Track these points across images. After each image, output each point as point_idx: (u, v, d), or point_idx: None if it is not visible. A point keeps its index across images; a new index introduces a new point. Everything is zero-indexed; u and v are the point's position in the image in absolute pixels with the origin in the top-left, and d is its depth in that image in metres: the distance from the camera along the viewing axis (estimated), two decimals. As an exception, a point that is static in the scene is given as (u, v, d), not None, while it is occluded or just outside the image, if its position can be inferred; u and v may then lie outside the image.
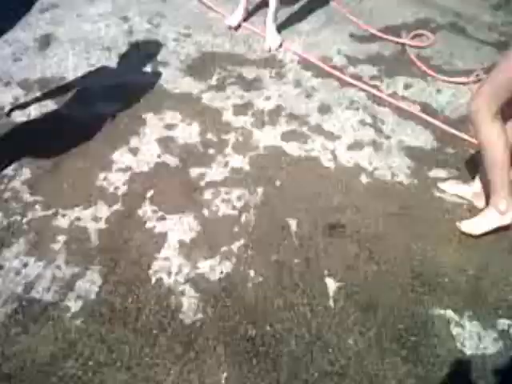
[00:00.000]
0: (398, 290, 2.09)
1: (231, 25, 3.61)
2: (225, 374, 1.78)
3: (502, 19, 3.95)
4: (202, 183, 2.46)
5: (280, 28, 3.60)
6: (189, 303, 1.97)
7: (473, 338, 1.95)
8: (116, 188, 2.40)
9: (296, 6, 3.89)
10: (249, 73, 3.25)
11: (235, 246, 2.19)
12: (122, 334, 1.85)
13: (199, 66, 3.28)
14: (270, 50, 3.42)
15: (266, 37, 3.47)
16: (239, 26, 3.65)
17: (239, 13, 3.63)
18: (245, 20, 3.70)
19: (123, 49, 3.38)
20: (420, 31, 3.73)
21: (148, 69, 3.23)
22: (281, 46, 3.47)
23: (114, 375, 1.74)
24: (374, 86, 3.17)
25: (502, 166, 2.07)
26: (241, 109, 2.94)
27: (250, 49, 3.48)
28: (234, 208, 2.36)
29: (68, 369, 1.74)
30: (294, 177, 2.53)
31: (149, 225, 2.25)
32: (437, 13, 3.99)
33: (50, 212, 2.26)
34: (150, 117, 2.83)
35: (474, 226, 2.26)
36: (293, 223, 2.31)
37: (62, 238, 2.15)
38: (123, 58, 3.30)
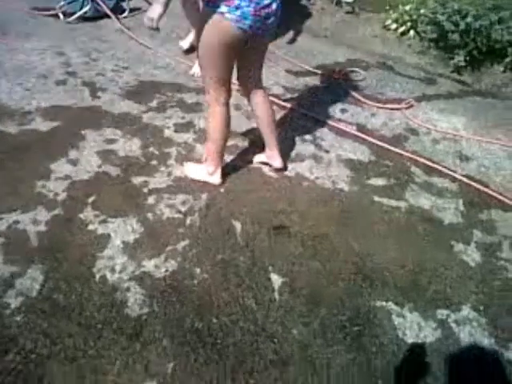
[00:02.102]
0: (340, 284, 2.26)
1: (184, 47, 3.98)
2: (171, 364, 1.84)
3: (426, 61, 4.51)
4: (145, 190, 2.60)
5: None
6: (134, 298, 2.05)
7: (413, 328, 2.12)
8: (55, 194, 2.48)
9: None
10: (189, 98, 3.49)
11: (180, 246, 2.31)
12: (65, 328, 1.89)
13: (138, 92, 3.48)
14: (193, 75, 3.74)
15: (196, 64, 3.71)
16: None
17: (192, 36, 3.95)
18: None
19: (60, 77, 3.54)
20: (352, 68, 4.18)
21: (85, 94, 3.39)
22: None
23: (57, 367, 1.76)
24: (312, 111, 3.49)
25: (218, 139, 2.53)
26: (182, 127, 3.14)
27: (190, 79, 3.74)
28: (178, 212, 2.50)
29: (8, 362, 1.75)
30: (238, 184, 2.72)
31: (91, 227, 2.33)
32: (366, 55, 4.53)
33: (-16, 217, 2.30)
34: (89, 132, 2.96)
35: (192, 170, 2.72)
36: (237, 225, 2.47)
37: (-1, 240, 2.20)
38: (60, 84, 3.46)
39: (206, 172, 2.66)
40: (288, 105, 3.50)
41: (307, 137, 3.22)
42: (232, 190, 2.67)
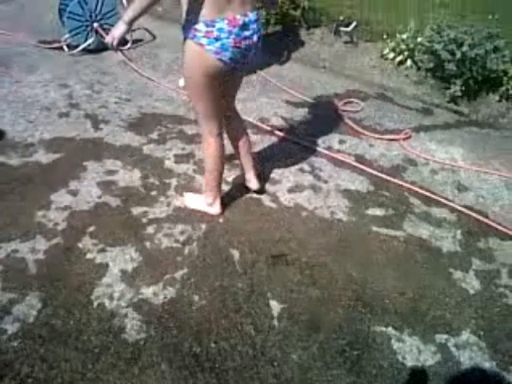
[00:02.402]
0: (339, 310, 2.30)
1: (180, 85, 4.11)
2: (170, 388, 1.87)
3: (423, 91, 4.62)
4: (145, 220, 2.66)
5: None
6: (132, 324, 2.09)
7: (413, 352, 2.16)
8: (55, 224, 2.55)
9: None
10: (190, 129, 3.60)
11: (178, 274, 2.36)
12: (62, 353, 1.93)
13: (140, 124, 3.59)
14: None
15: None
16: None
17: None
18: None
19: (63, 109, 3.66)
20: (350, 99, 4.30)
21: (88, 125, 3.50)
22: None
23: (54, 391, 1.80)
24: (311, 141, 3.59)
25: (214, 171, 2.59)
26: (182, 158, 3.24)
27: (189, 111, 3.86)
28: (176, 241, 2.55)
29: (3, 387, 1.79)
30: (237, 214, 2.79)
31: (89, 256, 2.39)
32: (365, 86, 4.65)
33: (-16, 245, 2.36)
34: (90, 164, 3.06)
35: (191, 201, 2.79)
36: (236, 254, 2.52)
37: (-3, 268, 2.25)
38: (63, 116, 3.58)
39: (205, 202, 2.73)
40: (287, 135, 3.60)
41: (306, 167, 3.30)
42: (230, 220, 2.73)
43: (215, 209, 2.72)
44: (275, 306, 2.27)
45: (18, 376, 1.83)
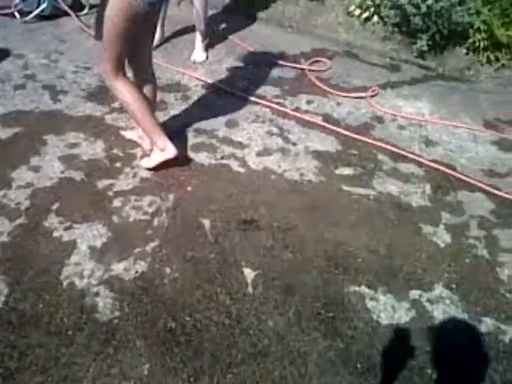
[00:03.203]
0: (313, 273, 2.30)
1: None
2: (147, 365, 1.86)
3: (390, 47, 4.56)
4: (110, 193, 2.59)
5: (183, 60, 3.97)
6: (104, 303, 2.05)
7: (387, 310, 2.18)
8: (18, 203, 2.46)
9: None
10: (152, 96, 3.47)
11: (149, 247, 2.32)
12: (34, 338, 1.88)
13: (101, 93, 3.45)
14: (194, 62, 3.97)
15: (194, 51, 4.02)
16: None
17: (155, 39, 3.95)
18: (160, 45, 4.12)
19: (18, 81, 3.49)
20: (317, 58, 4.21)
21: (46, 97, 3.35)
22: (204, 61, 4.01)
23: (28, 379, 1.76)
24: (278, 103, 3.52)
25: (142, 115, 2.53)
26: (146, 127, 3.12)
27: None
28: (145, 213, 2.50)
29: (-29, 380, 1.74)
30: (205, 182, 2.73)
31: (56, 234, 2.32)
32: (331, 44, 4.56)
33: None
34: (50, 138, 2.94)
35: (148, 161, 2.74)
36: (206, 223, 2.48)
37: (-43, 254, 2.17)
38: (18, 88, 3.41)
39: (158, 152, 2.67)
40: (253, 98, 3.52)
41: (274, 130, 3.25)
42: (199, 188, 2.68)
43: (170, 150, 2.65)
44: (249, 273, 2.25)
45: (-14, 367, 1.78)
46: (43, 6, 4.33)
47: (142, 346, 1.91)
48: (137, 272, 2.19)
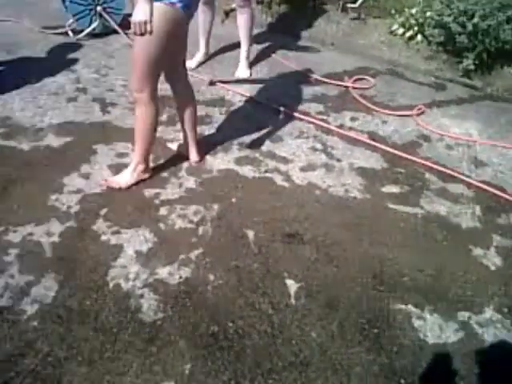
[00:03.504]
0: (358, 288, 2.28)
1: (190, 67, 4.05)
2: (188, 366, 1.88)
3: (435, 66, 4.55)
4: (157, 201, 2.65)
5: (226, 77, 4.06)
6: (148, 304, 2.09)
7: (434, 329, 2.14)
8: (68, 207, 2.55)
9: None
10: (199, 110, 3.55)
11: (193, 255, 2.36)
12: (81, 333, 1.94)
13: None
14: (237, 78, 4.03)
15: (238, 68, 4.12)
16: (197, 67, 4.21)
17: (199, 55, 4.21)
18: (205, 61, 4.27)
19: (71, 94, 3.65)
20: (361, 76, 4.24)
21: (96, 109, 3.49)
22: (248, 78, 4.09)
23: (74, 369, 1.81)
24: (322, 120, 3.55)
25: (150, 136, 2.62)
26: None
27: (198, 92, 3.81)
28: (190, 222, 2.54)
29: (26, 365, 1.80)
30: (249, 194, 2.77)
31: (104, 238, 2.39)
32: (374, 62, 4.58)
33: (-1, 229, 2.37)
34: (100, 147, 3.04)
35: (126, 179, 2.70)
36: (250, 233, 2.51)
37: (14, 251, 2.26)
38: (71, 100, 3.56)
39: (139, 171, 2.72)
40: (297, 114, 3.56)
41: (318, 146, 3.27)
42: (244, 200, 2.72)
43: (149, 172, 2.76)
44: (292, 285, 2.25)
45: (40, 354, 1.85)
46: (94, 25, 4.54)
47: (184, 347, 1.93)
48: (181, 277, 2.23)
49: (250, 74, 4.14)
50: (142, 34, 2.11)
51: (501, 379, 1.96)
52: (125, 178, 2.70)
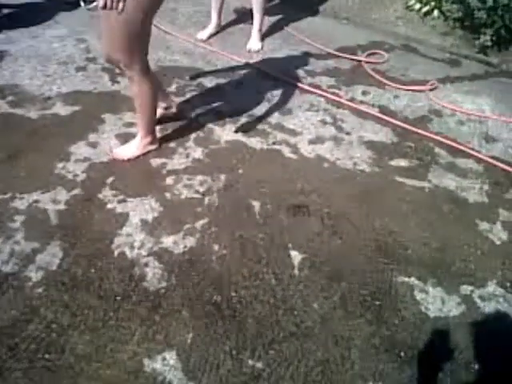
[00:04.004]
0: (361, 260, 2.29)
1: (202, 38, 4.09)
2: (191, 335, 1.90)
3: (451, 42, 4.46)
4: (164, 171, 2.66)
5: (237, 48, 4.01)
6: (153, 273, 2.11)
7: (436, 302, 2.14)
8: (75, 175, 2.57)
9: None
10: (209, 82, 3.55)
11: (199, 224, 2.37)
12: (85, 300, 1.97)
13: (158, 77, 3.53)
14: (249, 51, 4.01)
15: (250, 41, 4.06)
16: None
17: (211, 27, 4.16)
18: (217, 33, 4.22)
19: (80, 64, 3.63)
20: (374, 50, 4.17)
21: (105, 79, 3.48)
22: (260, 50, 4.04)
23: (78, 336, 1.85)
24: (333, 93, 3.51)
25: (153, 107, 2.60)
26: (201, 110, 3.20)
27: (208, 63, 3.80)
28: (196, 192, 2.55)
29: (31, 331, 1.84)
30: (257, 165, 2.76)
31: (109, 206, 2.41)
32: (389, 37, 4.49)
33: (6, 196, 2.40)
34: (108, 116, 3.04)
35: (132, 150, 2.70)
36: (256, 204, 2.51)
37: (19, 218, 2.29)
38: (80, 70, 3.55)
39: (145, 143, 2.72)
40: (308, 87, 3.52)
41: (328, 119, 3.24)
42: (250, 172, 2.72)
43: (156, 143, 2.77)
44: (296, 256, 2.26)
45: (45, 320, 1.89)
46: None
47: (187, 316, 1.96)
48: (186, 246, 2.24)
49: (262, 47, 4.09)
50: (108, 8, 2.08)
51: (501, 352, 1.97)
52: (131, 150, 2.70)
